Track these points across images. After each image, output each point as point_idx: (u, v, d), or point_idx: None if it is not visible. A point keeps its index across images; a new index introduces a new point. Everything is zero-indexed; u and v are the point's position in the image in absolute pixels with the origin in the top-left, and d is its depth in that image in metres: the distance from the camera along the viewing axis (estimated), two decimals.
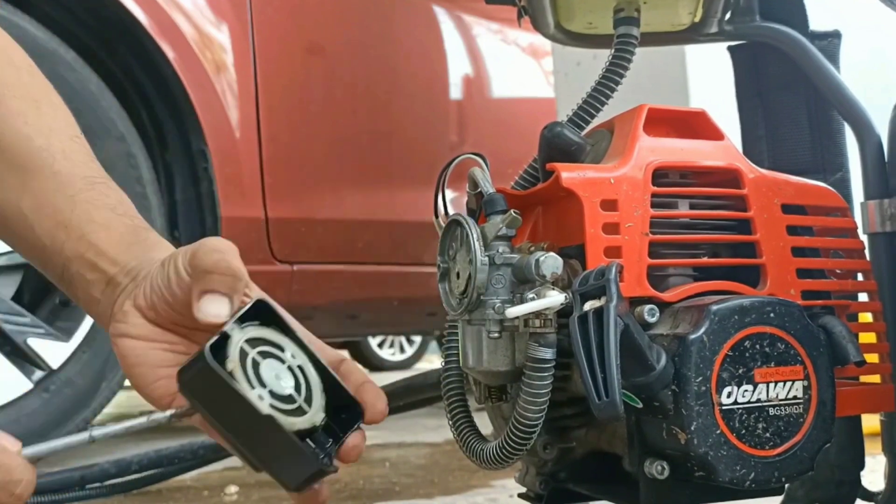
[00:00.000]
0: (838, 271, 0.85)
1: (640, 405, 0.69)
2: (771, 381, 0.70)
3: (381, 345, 6.59)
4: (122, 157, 2.14)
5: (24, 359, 2.03)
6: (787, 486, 0.82)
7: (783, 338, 0.71)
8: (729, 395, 0.69)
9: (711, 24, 1.00)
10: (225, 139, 2.33)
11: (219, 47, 2.33)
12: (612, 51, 0.87)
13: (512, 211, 0.74)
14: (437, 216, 0.83)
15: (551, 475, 0.81)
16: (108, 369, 2.12)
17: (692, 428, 0.68)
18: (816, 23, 1.09)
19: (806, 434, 0.71)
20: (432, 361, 7.52)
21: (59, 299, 2.12)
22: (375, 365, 6.59)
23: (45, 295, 2.14)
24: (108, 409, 2.54)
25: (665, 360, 0.67)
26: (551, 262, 0.69)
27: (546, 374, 0.70)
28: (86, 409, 2.09)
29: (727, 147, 0.81)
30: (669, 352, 0.68)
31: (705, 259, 0.78)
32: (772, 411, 0.70)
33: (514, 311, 0.70)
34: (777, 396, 0.70)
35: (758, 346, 0.70)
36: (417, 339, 6.72)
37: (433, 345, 7.03)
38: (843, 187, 1.05)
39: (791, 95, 1.07)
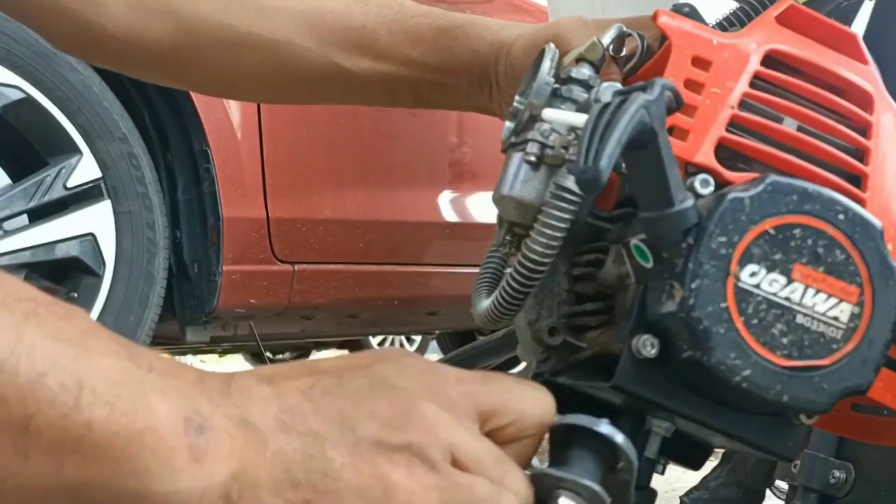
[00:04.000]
0: None
1: (650, 264, 0.60)
2: (812, 286, 0.59)
3: (381, 344, 6.59)
4: (124, 158, 2.15)
5: None
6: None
7: (846, 247, 0.60)
8: (752, 275, 0.58)
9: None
10: (226, 139, 2.33)
11: None
12: None
13: (595, 38, 0.68)
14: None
15: (552, 373, 0.71)
16: None
17: (693, 286, 0.57)
18: None
19: (835, 364, 0.60)
20: None
21: (62, 299, 2.12)
22: None
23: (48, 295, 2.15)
24: None
25: (690, 204, 0.58)
26: (611, 90, 0.63)
27: (568, 205, 0.63)
28: None
29: (869, 72, 0.71)
30: (703, 208, 0.59)
31: (791, 159, 0.66)
32: (799, 319, 0.59)
33: (550, 113, 0.64)
34: (813, 306, 0.59)
35: (810, 241, 0.59)
36: (417, 338, 6.72)
37: (433, 345, 7.04)
38: None
39: None
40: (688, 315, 0.58)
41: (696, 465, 0.70)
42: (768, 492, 1.31)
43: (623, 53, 0.72)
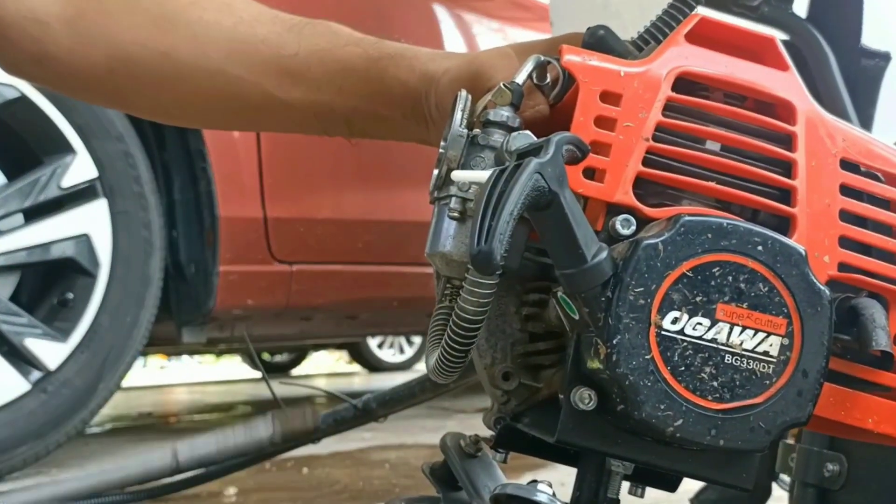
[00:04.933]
0: None
1: (577, 316, 0.60)
2: (737, 324, 0.58)
3: (380, 345, 6.58)
4: (120, 157, 2.14)
5: (22, 359, 2.02)
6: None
7: (768, 279, 0.58)
8: (674, 322, 0.57)
9: None
10: (223, 138, 2.32)
11: None
12: None
13: (502, 83, 0.66)
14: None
15: (514, 417, 0.70)
16: (106, 370, 2.11)
17: (614, 342, 0.57)
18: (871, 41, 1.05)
19: (769, 400, 0.58)
20: None
21: (57, 299, 2.11)
22: (374, 366, 6.59)
23: (43, 295, 2.14)
24: (106, 410, 2.54)
25: (604, 257, 0.57)
26: (522, 140, 0.62)
27: None
28: (84, 409, 2.09)
29: (789, 79, 0.67)
30: (619, 255, 0.58)
31: (713, 185, 0.65)
32: (728, 359, 0.58)
33: (459, 175, 0.63)
34: (740, 344, 0.58)
35: (730, 278, 0.57)
36: (417, 339, 6.71)
37: None
38: None
39: None
40: (613, 371, 0.57)
41: (671, 488, 0.69)
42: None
43: (547, 81, 0.70)
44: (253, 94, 0.81)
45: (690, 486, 1.33)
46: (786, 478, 1.20)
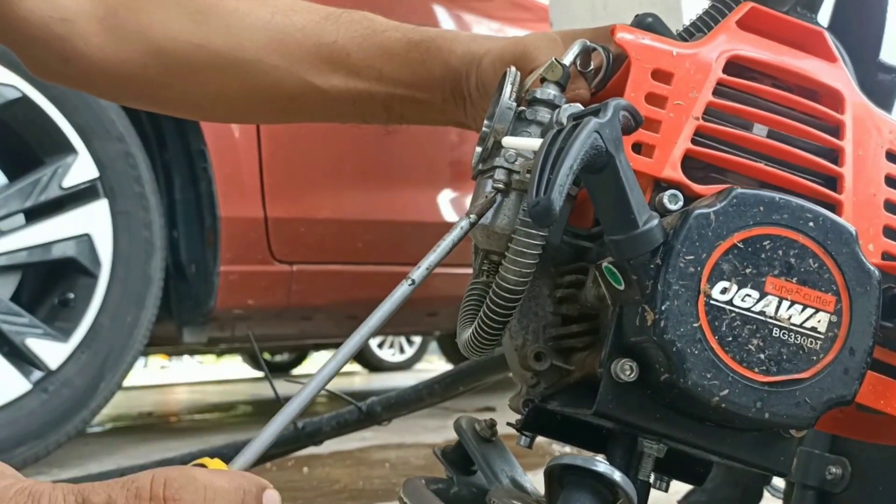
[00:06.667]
0: None
1: (622, 287, 0.60)
2: (786, 298, 0.57)
3: (380, 345, 6.59)
4: (120, 157, 2.14)
5: (23, 359, 2.02)
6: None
7: (819, 256, 0.58)
8: (724, 292, 0.57)
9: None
10: (224, 139, 2.32)
11: None
12: None
13: (554, 58, 0.67)
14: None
15: (543, 399, 0.69)
16: (107, 369, 2.11)
17: (663, 308, 0.56)
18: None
19: (816, 376, 0.58)
20: (432, 362, 7.52)
21: (58, 299, 2.11)
22: (375, 365, 6.59)
23: (44, 295, 2.14)
24: (106, 410, 2.55)
25: (655, 224, 0.57)
26: (573, 109, 0.63)
27: (538, 231, 0.62)
28: (84, 409, 2.09)
29: (837, 71, 0.69)
30: (669, 226, 0.58)
31: (761, 166, 0.65)
32: (776, 332, 0.58)
33: (510, 141, 0.63)
34: (789, 318, 0.58)
35: (780, 252, 0.58)
36: (417, 339, 6.71)
37: (433, 345, 7.03)
38: None
39: None
40: (660, 338, 0.57)
41: (698, 481, 0.69)
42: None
43: (590, 68, 0.71)
44: (289, 83, 0.81)
45: (680, 488, 1.33)
46: (778, 483, 1.20)
